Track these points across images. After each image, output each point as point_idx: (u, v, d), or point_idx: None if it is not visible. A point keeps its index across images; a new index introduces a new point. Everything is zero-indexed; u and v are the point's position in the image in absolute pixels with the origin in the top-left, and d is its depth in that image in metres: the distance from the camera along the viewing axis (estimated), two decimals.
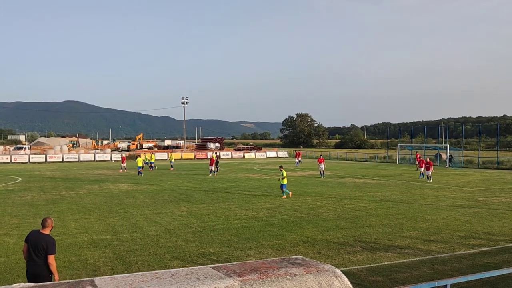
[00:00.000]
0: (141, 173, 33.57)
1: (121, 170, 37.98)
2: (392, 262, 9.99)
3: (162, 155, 64.79)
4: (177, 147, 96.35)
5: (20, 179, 31.29)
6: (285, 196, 20.45)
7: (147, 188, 25.04)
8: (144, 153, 48.41)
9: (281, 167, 21.69)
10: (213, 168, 33.46)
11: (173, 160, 43.85)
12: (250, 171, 38.89)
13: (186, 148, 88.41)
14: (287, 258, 5.09)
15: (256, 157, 68.87)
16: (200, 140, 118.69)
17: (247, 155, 68.85)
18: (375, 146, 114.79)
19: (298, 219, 15.12)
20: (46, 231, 6.84)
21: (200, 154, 66.90)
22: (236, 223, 14.41)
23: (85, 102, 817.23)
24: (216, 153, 48.38)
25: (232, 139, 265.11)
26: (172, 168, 40.64)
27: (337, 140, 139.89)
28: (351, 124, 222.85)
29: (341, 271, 4.66)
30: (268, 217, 15.50)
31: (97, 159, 59.60)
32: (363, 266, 9.65)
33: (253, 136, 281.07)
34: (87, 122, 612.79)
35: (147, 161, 40.25)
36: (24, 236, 12.59)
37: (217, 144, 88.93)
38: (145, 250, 11.07)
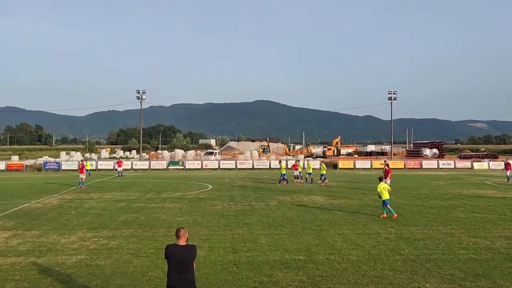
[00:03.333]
0: (287, 181, 37.35)
1: (296, 180, 39.47)
2: None
3: (364, 163, 64.98)
4: (382, 153, 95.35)
5: (210, 186, 35.54)
6: (385, 215, 19.89)
7: (346, 202, 25.47)
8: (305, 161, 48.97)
9: (380, 179, 21.13)
10: (388, 181, 31.84)
11: (324, 172, 39.24)
12: (481, 186, 35.92)
13: (394, 155, 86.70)
14: None
15: (490, 167, 63.12)
16: (412, 144, 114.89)
17: (476, 165, 63.71)
18: None
19: None
20: (184, 242, 7.67)
21: (413, 163, 64.74)
22: (461, 254, 13.50)
23: (277, 101, 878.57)
24: (385, 160, 46.21)
25: (456, 143, 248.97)
26: (321, 182, 38.07)
27: None
28: None
29: None
30: (508, 249, 14.07)
31: (289, 166, 63.17)
32: None
33: (486, 140, 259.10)
34: (278, 124, 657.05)
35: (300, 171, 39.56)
36: (215, 249, 14.29)
37: (434, 150, 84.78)
38: (344, 277, 11.27)
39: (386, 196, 20.23)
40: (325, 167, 39.81)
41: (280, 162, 41.24)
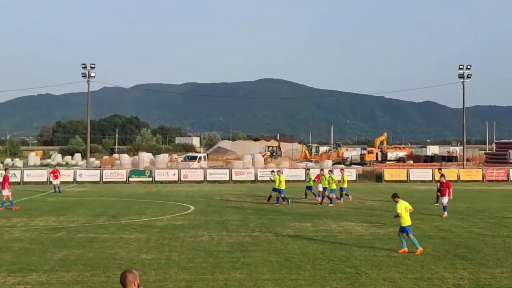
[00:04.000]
0: (288, 200, 38.00)
1: (319, 198, 39.52)
2: None
3: (422, 173, 64.89)
4: (449, 158, 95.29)
5: (192, 208, 35.58)
6: (406, 249, 20.41)
7: (395, 232, 25.35)
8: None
9: (395, 195, 21.50)
10: (445, 199, 31.82)
11: (283, 187, 38.30)
12: None
13: (467, 160, 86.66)
14: None
15: None
16: (494, 145, 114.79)
17: None
18: None
19: None
20: None
21: (495, 173, 64.66)
22: None
23: (290, 80, 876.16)
24: (440, 169, 45.92)
25: None
26: (280, 203, 37.79)
27: None
28: None
29: None
30: None
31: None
32: None
33: None
34: (294, 114, 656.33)
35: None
36: None
37: None
38: None
39: (407, 221, 20.51)
40: (345, 178, 39.84)
41: (278, 172, 39.83)
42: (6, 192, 35.66)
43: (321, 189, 39.33)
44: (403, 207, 20.74)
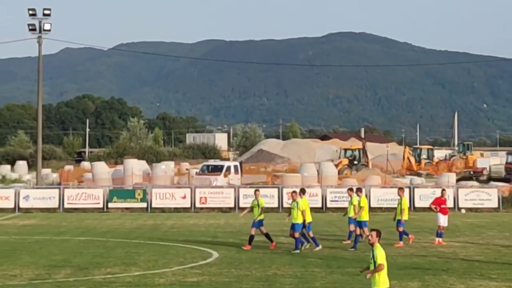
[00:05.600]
0: (316, 242, 37.86)
1: (438, 239, 40.10)
2: None
3: None
4: None
5: (215, 254, 35.70)
6: None
7: None
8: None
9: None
10: None
11: (301, 221, 37.41)
12: None
13: None
14: None
15: None
16: None
17: None
18: None
19: None
20: None
21: None
22: None
23: (380, 35, 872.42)
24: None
25: None
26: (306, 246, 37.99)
27: None
28: None
29: None
30: None
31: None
32: None
33: None
34: (387, 93, 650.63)
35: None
36: None
37: None
38: None
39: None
40: (404, 206, 39.77)
41: (294, 193, 38.83)
42: None
43: (442, 223, 39.25)
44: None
